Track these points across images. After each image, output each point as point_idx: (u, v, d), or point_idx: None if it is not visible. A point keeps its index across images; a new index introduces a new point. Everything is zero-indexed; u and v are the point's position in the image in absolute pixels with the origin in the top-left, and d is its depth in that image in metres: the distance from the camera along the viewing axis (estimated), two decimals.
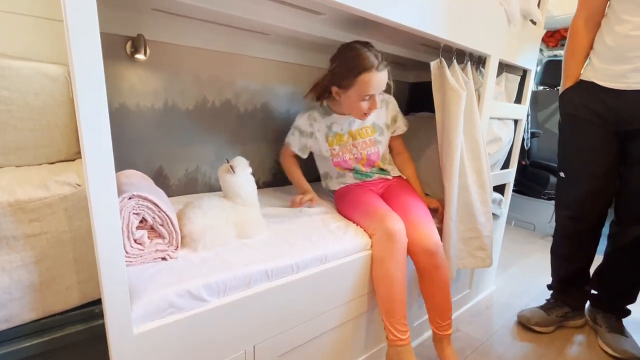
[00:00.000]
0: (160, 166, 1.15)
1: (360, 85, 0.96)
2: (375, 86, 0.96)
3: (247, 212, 0.89)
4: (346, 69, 0.97)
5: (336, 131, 1.11)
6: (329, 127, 1.12)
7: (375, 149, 1.14)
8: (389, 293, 0.90)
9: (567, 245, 1.26)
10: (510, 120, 1.38)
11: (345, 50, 0.99)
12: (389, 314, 0.91)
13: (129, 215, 0.66)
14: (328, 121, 1.11)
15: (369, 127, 1.13)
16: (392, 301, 0.90)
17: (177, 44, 1.08)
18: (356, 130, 1.12)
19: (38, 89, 0.73)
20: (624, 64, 1.02)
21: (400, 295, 0.90)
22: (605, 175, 1.13)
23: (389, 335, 0.91)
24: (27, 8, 0.84)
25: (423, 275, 0.99)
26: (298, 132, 1.15)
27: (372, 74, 0.94)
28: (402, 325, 0.90)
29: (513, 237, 2.30)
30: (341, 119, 1.11)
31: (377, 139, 1.14)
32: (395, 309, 0.90)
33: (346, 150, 1.12)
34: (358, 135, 1.12)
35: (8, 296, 0.55)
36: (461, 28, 0.99)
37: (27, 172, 0.70)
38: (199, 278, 0.66)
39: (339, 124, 1.11)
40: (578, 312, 1.32)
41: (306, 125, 1.14)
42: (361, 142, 1.13)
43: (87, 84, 0.45)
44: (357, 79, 0.95)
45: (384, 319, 0.92)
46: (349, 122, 1.11)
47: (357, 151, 1.13)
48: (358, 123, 1.12)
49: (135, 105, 1.05)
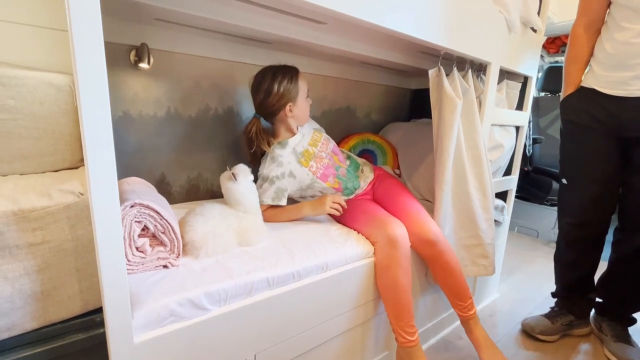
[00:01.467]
0: (163, 173, 1.15)
1: (302, 86, 1.09)
2: (305, 80, 1.11)
3: (249, 219, 0.89)
4: (287, 83, 1.06)
5: (301, 150, 1.11)
6: (295, 151, 1.10)
7: (332, 144, 1.22)
8: (397, 299, 0.92)
9: (570, 252, 1.25)
10: (512, 126, 1.38)
11: (269, 76, 1.05)
12: (397, 318, 0.92)
13: (131, 224, 0.66)
14: (290, 147, 1.10)
15: (314, 132, 1.18)
16: (400, 306, 0.92)
17: (179, 53, 1.09)
18: (311, 139, 1.15)
19: (43, 98, 0.74)
20: (625, 71, 1.02)
21: (407, 300, 0.92)
22: (607, 182, 1.12)
23: (398, 338, 0.93)
24: (33, 19, 0.86)
25: (431, 263, 1.04)
26: (267, 182, 1.05)
27: (299, 74, 1.09)
28: (410, 327, 0.92)
29: (516, 243, 2.28)
30: (295, 139, 1.12)
31: (326, 136, 1.21)
32: (403, 313, 0.92)
33: (319, 160, 1.13)
34: (315, 142, 1.16)
35: (10, 305, 0.55)
36: (461, 36, 0.99)
37: (31, 180, 0.70)
38: (200, 286, 0.66)
39: (298, 143, 1.11)
40: (583, 320, 1.30)
41: (274, 170, 1.06)
42: (321, 145, 1.16)
43: (91, 93, 0.46)
44: (297, 84, 1.07)
45: (393, 323, 0.94)
46: (301, 136, 1.14)
47: (326, 154, 1.16)
48: (307, 134, 1.16)
49: (138, 113, 1.06)
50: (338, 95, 1.59)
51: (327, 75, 1.50)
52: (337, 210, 1.03)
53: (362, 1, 0.74)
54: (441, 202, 1.07)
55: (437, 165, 1.08)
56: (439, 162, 1.07)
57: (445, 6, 0.92)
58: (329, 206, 1.02)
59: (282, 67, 1.07)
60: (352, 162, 1.26)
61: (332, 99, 1.57)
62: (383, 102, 1.79)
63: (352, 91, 1.64)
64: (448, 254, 1.01)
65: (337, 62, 1.49)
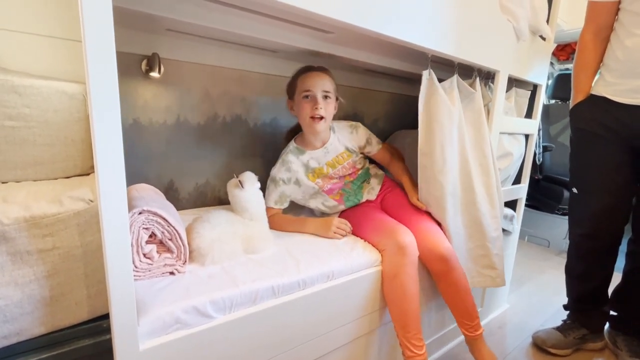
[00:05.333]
0: (171, 180, 1.17)
1: (300, 85, 1.05)
2: (311, 82, 1.03)
3: (255, 227, 0.90)
4: (291, 80, 1.10)
5: (314, 167, 1.10)
6: (306, 165, 1.09)
7: (355, 168, 1.17)
8: (404, 309, 0.90)
9: (582, 264, 1.22)
10: (521, 135, 1.36)
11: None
12: (405, 329, 0.90)
13: (139, 230, 0.67)
14: (304, 159, 1.09)
15: (343, 152, 1.13)
16: (407, 316, 0.90)
17: (189, 62, 1.12)
18: (333, 159, 1.11)
19: (57, 106, 0.76)
20: (637, 79, 1.00)
21: (415, 310, 0.90)
22: (619, 191, 1.10)
23: (405, 351, 0.90)
24: (48, 30, 0.89)
25: (440, 279, 1.00)
26: (273, 184, 1.08)
27: (307, 73, 1.06)
28: (417, 340, 0.90)
29: (527, 253, 2.24)
30: (315, 153, 1.09)
31: (355, 160, 1.16)
32: (411, 324, 0.90)
33: (328, 180, 1.12)
34: (337, 163, 1.12)
35: (20, 310, 0.56)
36: (469, 45, 0.99)
37: (43, 186, 0.72)
38: (206, 294, 0.66)
39: (315, 159, 1.10)
40: (597, 334, 1.26)
41: (282, 172, 1.08)
42: (340, 168, 1.13)
43: (102, 102, 0.47)
44: (296, 81, 1.07)
45: (399, 335, 0.91)
46: (324, 154, 1.10)
47: (339, 177, 1.14)
48: (332, 152, 1.11)
49: (148, 120, 1.08)
50: (345, 103, 1.59)
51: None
52: (341, 236, 1.01)
53: (369, 11, 0.75)
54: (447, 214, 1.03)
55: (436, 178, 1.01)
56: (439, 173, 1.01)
57: (453, 15, 0.92)
58: (333, 232, 1.00)
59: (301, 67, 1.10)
60: (363, 172, 1.20)
61: (339, 106, 1.57)
62: (390, 109, 1.79)
63: (359, 99, 1.64)
64: (458, 272, 0.98)
65: (344, 70, 1.49)
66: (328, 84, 1.05)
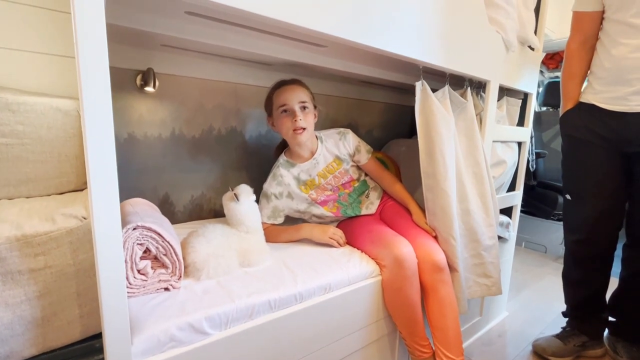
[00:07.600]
0: (167, 193, 1.16)
1: (275, 100, 1.06)
2: (286, 95, 1.04)
3: (251, 239, 0.89)
4: (267, 97, 1.11)
5: (305, 179, 1.10)
6: (297, 178, 1.10)
7: (348, 176, 1.16)
8: (410, 317, 0.93)
9: (578, 270, 1.22)
10: (514, 142, 1.38)
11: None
12: (412, 334, 0.95)
13: (133, 246, 0.66)
14: (295, 172, 1.09)
15: (333, 161, 1.13)
16: (413, 323, 0.94)
17: (184, 76, 1.12)
18: (323, 169, 1.11)
19: (51, 123, 0.76)
20: (625, 87, 1.03)
21: (419, 316, 0.94)
22: (612, 196, 1.11)
23: (415, 352, 0.96)
24: (41, 46, 0.89)
25: (428, 292, 0.96)
26: (265, 199, 1.08)
27: (281, 88, 1.07)
28: (423, 340, 0.96)
29: (524, 259, 2.24)
30: (304, 166, 1.09)
31: (346, 168, 1.15)
32: (418, 329, 0.95)
33: (321, 191, 1.12)
34: (327, 173, 1.12)
35: (10, 332, 0.54)
36: (459, 56, 1.01)
37: (36, 203, 0.71)
38: (201, 310, 0.65)
39: (305, 172, 1.10)
40: (597, 340, 1.25)
41: (273, 187, 1.08)
42: (332, 178, 1.13)
43: (95, 118, 0.47)
44: (272, 97, 1.08)
45: (407, 339, 0.96)
46: (313, 165, 1.10)
47: (333, 187, 1.13)
48: (322, 162, 1.11)
49: (143, 134, 1.08)
50: (340, 113, 1.61)
51: (329, 94, 1.53)
52: (336, 242, 1.01)
53: (360, 26, 0.76)
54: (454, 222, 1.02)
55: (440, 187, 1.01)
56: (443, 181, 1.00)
57: (442, 27, 0.94)
58: (329, 236, 1.01)
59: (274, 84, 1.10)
60: (360, 185, 1.19)
61: (334, 117, 1.59)
62: (384, 119, 1.81)
63: (354, 109, 1.66)
64: (449, 287, 0.96)
65: (338, 82, 1.51)
66: (303, 94, 1.05)
